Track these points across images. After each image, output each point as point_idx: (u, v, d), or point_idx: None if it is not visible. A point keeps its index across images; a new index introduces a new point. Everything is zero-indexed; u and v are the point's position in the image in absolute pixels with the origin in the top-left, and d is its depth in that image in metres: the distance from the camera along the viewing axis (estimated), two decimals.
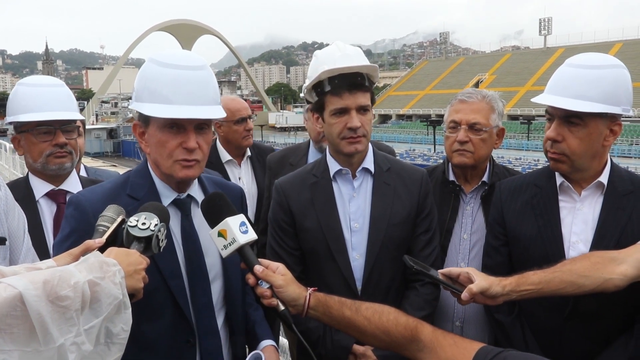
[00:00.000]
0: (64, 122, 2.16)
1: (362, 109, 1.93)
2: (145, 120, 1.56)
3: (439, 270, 1.67)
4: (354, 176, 2.04)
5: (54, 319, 0.94)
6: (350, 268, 1.99)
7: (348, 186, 2.05)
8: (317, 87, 1.97)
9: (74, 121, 2.22)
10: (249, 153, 3.50)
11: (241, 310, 1.79)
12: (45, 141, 2.14)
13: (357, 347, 1.93)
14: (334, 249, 1.98)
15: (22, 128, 2.14)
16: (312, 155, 3.10)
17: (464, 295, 1.56)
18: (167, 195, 1.62)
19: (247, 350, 1.81)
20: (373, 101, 2.01)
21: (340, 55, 1.95)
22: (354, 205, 2.02)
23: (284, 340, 4.04)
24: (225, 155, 3.39)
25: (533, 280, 1.60)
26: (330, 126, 1.96)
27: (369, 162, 2.05)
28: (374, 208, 2.01)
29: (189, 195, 1.66)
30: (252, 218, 3.33)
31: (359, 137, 1.93)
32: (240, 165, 3.45)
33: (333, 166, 2.05)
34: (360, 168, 2.04)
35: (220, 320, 1.70)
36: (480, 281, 1.57)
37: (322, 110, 1.98)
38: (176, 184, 1.63)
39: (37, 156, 2.15)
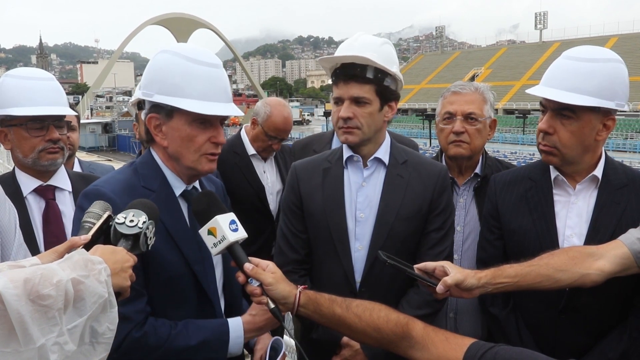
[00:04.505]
0: (56, 117, 2.11)
1: (357, 101, 1.89)
2: (168, 113, 1.57)
3: (415, 265, 1.63)
4: (365, 165, 2.00)
5: (35, 319, 0.91)
6: (351, 259, 1.94)
7: (358, 174, 2.01)
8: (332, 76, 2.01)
9: (64, 116, 2.18)
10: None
11: (240, 296, 1.83)
12: (37, 136, 2.07)
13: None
14: (336, 237, 1.95)
15: (12, 122, 2.05)
16: (335, 144, 3.11)
17: (439, 287, 1.54)
18: (178, 187, 1.67)
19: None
20: (383, 95, 1.92)
21: (346, 45, 1.96)
22: (361, 195, 1.98)
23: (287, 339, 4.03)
24: (250, 149, 3.35)
25: (509, 273, 1.58)
26: (332, 114, 2.01)
27: (382, 153, 2.00)
28: (382, 200, 1.95)
29: (193, 187, 1.72)
30: (274, 214, 3.36)
31: (349, 128, 1.91)
32: (265, 161, 3.42)
33: (346, 152, 2.02)
34: (372, 158, 2.00)
35: (222, 305, 1.75)
36: (455, 274, 1.55)
37: None
38: (188, 177, 1.67)
39: (29, 151, 2.08)
